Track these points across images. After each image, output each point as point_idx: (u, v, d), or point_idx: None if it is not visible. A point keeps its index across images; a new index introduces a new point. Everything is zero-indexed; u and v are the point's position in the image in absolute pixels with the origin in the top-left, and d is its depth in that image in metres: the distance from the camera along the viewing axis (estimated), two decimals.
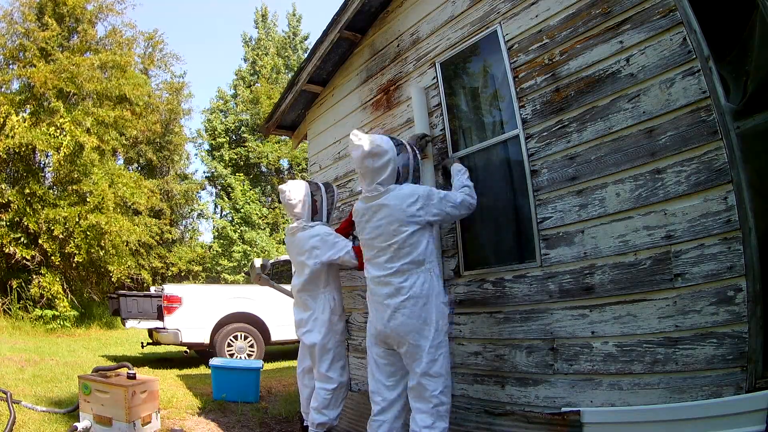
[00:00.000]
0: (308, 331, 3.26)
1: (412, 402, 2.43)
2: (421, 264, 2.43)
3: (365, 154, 2.50)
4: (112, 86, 12.10)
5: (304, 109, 4.64)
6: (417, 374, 2.38)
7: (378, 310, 2.52)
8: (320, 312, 3.23)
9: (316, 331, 3.21)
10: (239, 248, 17.00)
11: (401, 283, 2.41)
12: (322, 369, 3.18)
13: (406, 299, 2.39)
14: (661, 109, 2.07)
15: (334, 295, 3.28)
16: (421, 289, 2.40)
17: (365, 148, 2.49)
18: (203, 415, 4.16)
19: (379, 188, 2.52)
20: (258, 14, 21.44)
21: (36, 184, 11.40)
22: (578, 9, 2.39)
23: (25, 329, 10.04)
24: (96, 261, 11.79)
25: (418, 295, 2.39)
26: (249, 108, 19.24)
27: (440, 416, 2.35)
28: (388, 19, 3.69)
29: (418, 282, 2.40)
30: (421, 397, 2.37)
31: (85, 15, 12.73)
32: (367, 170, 2.53)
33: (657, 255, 2.06)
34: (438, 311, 2.42)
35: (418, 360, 2.37)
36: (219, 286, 11.11)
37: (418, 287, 2.40)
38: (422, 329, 2.37)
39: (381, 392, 2.57)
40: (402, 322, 2.39)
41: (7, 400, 3.47)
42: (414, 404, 2.42)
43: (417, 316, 2.38)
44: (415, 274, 2.42)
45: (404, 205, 2.44)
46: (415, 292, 2.39)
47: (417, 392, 2.39)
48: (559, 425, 2.25)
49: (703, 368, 1.90)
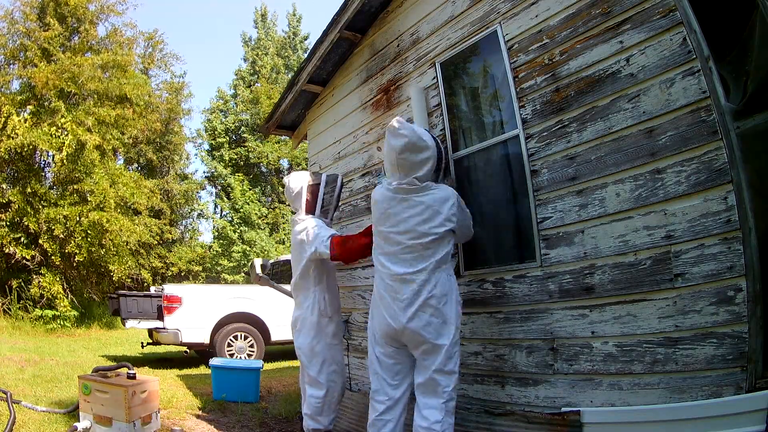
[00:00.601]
0: (297, 332, 3.16)
1: (422, 398, 2.42)
2: (444, 263, 2.43)
3: (408, 145, 2.43)
4: (113, 86, 12.11)
5: (304, 109, 4.65)
6: (430, 370, 2.37)
7: (393, 308, 2.45)
8: (309, 313, 3.11)
9: (304, 333, 3.11)
10: (239, 248, 17.00)
11: (426, 282, 2.39)
12: (311, 373, 3.08)
13: (430, 298, 2.38)
14: (661, 109, 2.07)
15: (325, 295, 3.14)
16: (443, 288, 2.40)
17: (410, 139, 2.43)
18: (203, 415, 4.16)
19: (415, 182, 2.46)
20: (258, 14, 21.46)
21: (37, 183, 11.40)
22: (578, 9, 2.38)
23: (25, 329, 10.04)
24: (96, 261, 11.79)
25: (441, 294, 2.39)
26: (249, 108, 19.24)
27: (449, 412, 2.36)
28: (388, 19, 3.69)
29: (440, 281, 2.40)
30: (434, 393, 2.37)
31: (86, 15, 12.73)
32: (405, 162, 2.46)
33: (657, 255, 2.06)
34: (456, 310, 2.44)
35: (435, 357, 2.37)
36: (219, 286, 11.11)
37: (441, 287, 2.40)
38: (442, 328, 2.38)
39: (386, 391, 2.54)
40: (427, 322, 2.37)
41: (7, 400, 3.47)
42: (424, 400, 2.41)
43: (440, 315, 2.38)
44: (438, 274, 2.41)
45: (443, 207, 2.42)
46: (439, 291, 2.39)
47: (429, 388, 2.39)
48: (559, 425, 2.25)
49: (703, 368, 1.90)
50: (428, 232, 2.40)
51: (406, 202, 2.46)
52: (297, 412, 3.99)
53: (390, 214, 2.51)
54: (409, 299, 2.39)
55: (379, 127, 3.68)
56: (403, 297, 2.41)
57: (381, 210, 2.55)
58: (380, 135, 3.68)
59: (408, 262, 2.43)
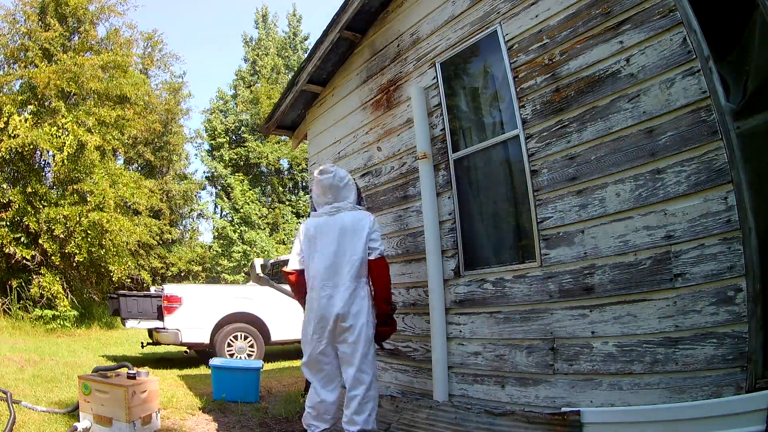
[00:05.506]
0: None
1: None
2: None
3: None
4: (113, 86, 12.11)
5: (304, 109, 4.65)
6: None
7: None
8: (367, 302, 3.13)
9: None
10: (239, 248, 17.00)
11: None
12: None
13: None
14: (661, 109, 2.07)
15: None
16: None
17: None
18: (203, 415, 4.15)
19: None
20: (258, 15, 21.48)
21: (37, 183, 11.40)
22: (578, 9, 2.39)
23: (25, 329, 10.03)
24: (96, 261, 11.79)
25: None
26: (249, 108, 19.25)
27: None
28: (388, 19, 3.69)
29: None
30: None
31: (87, 16, 12.73)
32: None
33: (657, 255, 2.06)
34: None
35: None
36: (219, 286, 11.09)
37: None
38: None
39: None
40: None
41: (7, 400, 3.47)
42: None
43: None
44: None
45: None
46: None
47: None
48: (559, 425, 2.25)
49: (703, 368, 1.90)
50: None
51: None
52: (297, 412, 3.99)
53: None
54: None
55: (380, 127, 3.68)
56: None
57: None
58: (380, 135, 3.69)
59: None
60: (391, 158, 3.56)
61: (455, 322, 2.93)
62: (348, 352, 2.69)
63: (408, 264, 3.36)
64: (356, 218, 2.80)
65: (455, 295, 2.96)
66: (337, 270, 2.73)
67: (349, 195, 2.90)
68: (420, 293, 3.23)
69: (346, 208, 2.85)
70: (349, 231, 2.76)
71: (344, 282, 2.71)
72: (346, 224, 2.78)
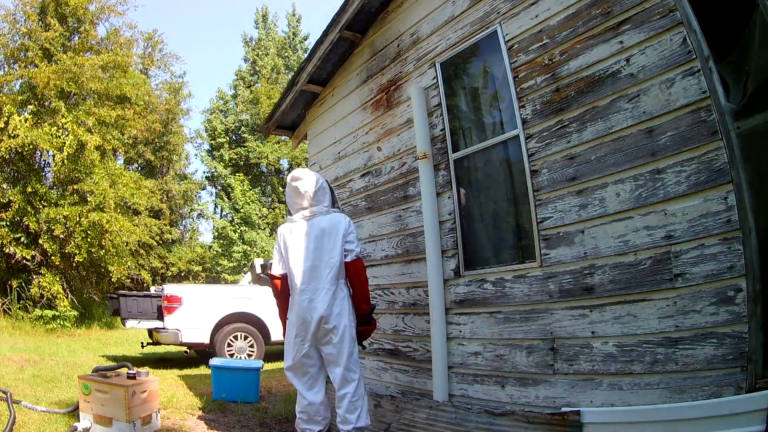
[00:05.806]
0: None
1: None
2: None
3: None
4: (113, 86, 12.11)
5: (304, 109, 4.65)
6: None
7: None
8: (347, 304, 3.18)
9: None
10: (239, 248, 17.01)
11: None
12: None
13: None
14: (661, 109, 2.07)
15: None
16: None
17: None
18: (203, 415, 4.15)
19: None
20: (258, 15, 21.48)
21: (37, 183, 11.40)
22: (578, 9, 2.39)
23: (25, 329, 10.03)
24: (96, 261, 11.78)
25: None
26: (249, 108, 19.26)
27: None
28: (388, 19, 3.69)
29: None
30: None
31: (87, 16, 12.72)
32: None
33: (657, 255, 2.06)
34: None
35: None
36: (219, 286, 11.09)
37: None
38: None
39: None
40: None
41: (7, 400, 3.47)
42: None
43: None
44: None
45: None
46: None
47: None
48: (559, 425, 2.25)
49: (703, 368, 1.90)
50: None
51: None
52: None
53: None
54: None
55: (380, 127, 3.68)
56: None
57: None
58: (380, 135, 3.69)
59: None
60: (391, 158, 3.56)
61: (455, 322, 2.93)
62: (334, 352, 2.73)
63: (408, 264, 3.36)
64: (333, 221, 2.85)
65: (455, 295, 2.96)
66: (317, 273, 2.78)
67: (323, 198, 2.93)
68: (420, 293, 3.24)
69: (321, 212, 2.89)
70: (327, 234, 2.81)
71: (324, 285, 2.75)
72: (323, 228, 2.83)
